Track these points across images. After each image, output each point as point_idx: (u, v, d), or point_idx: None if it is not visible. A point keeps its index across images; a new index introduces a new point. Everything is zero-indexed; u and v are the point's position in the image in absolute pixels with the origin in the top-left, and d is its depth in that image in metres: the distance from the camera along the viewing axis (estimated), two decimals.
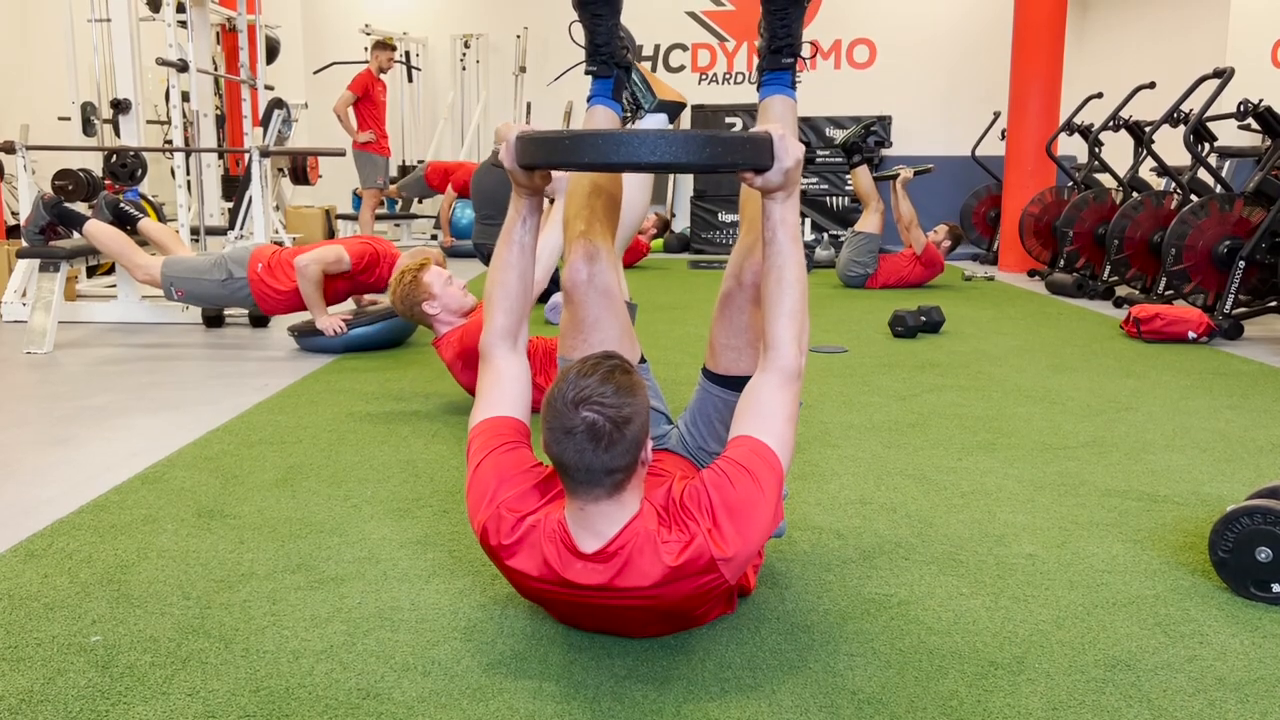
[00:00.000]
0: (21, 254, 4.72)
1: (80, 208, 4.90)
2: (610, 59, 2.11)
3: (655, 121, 2.39)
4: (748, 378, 1.82)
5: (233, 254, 4.41)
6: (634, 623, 1.60)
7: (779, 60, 2.06)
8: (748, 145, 1.54)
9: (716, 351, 1.94)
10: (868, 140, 6.72)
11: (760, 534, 1.50)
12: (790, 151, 1.57)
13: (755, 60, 2.15)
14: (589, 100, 2.15)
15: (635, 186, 2.43)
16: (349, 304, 4.73)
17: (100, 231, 4.51)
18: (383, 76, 7.92)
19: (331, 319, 4.19)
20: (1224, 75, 5.24)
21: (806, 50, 2.25)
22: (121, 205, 4.76)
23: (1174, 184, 5.91)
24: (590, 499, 1.45)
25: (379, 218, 8.92)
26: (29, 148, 5.20)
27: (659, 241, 9.51)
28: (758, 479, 1.50)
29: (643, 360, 2.01)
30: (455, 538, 2.10)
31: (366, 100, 7.71)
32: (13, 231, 6.54)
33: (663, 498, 1.54)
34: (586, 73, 2.13)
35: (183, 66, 5.82)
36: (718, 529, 1.47)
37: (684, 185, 9.96)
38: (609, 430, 1.40)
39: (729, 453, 1.56)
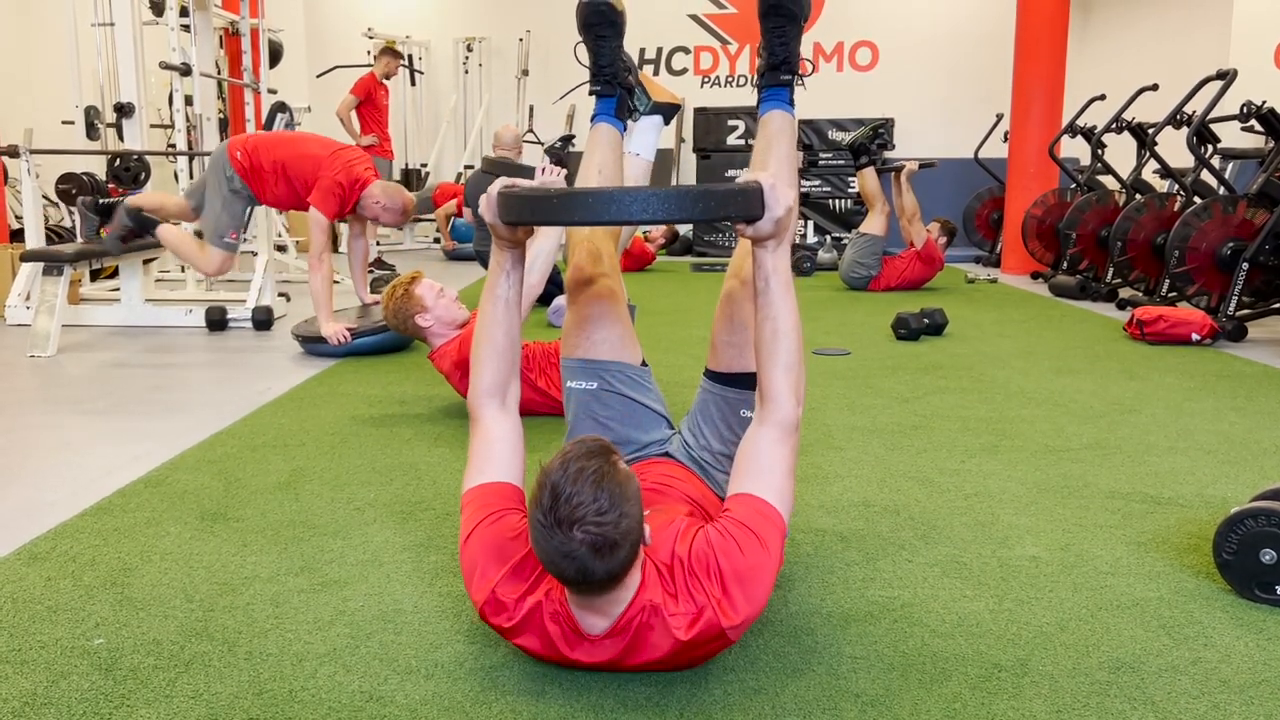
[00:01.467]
0: (25, 257, 4.73)
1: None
2: (613, 79, 2.18)
3: (651, 123, 2.40)
4: (748, 374, 1.82)
5: (211, 165, 4.45)
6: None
7: (777, 76, 2.10)
8: (739, 198, 1.50)
9: (718, 350, 1.94)
10: (874, 142, 6.71)
11: (766, 595, 1.46)
12: (781, 200, 1.53)
13: (756, 78, 2.18)
14: (593, 119, 2.22)
15: (638, 182, 2.44)
16: (354, 303, 4.74)
17: (171, 235, 4.71)
18: (386, 81, 7.93)
19: (336, 327, 4.18)
20: (1227, 77, 5.23)
21: (805, 69, 2.27)
22: (144, 213, 4.79)
23: (1177, 186, 5.91)
24: (593, 594, 1.41)
25: None
26: (33, 152, 5.21)
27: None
28: (765, 542, 1.46)
29: (644, 364, 2.02)
30: (457, 541, 2.09)
31: (369, 104, 7.72)
32: (16, 235, 6.55)
33: (667, 553, 1.48)
34: (591, 93, 2.20)
35: (186, 70, 5.83)
36: (727, 598, 1.43)
37: None
38: (609, 545, 1.33)
39: (732, 512, 1.52)
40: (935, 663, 1.59)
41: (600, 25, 2.11)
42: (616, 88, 2.20)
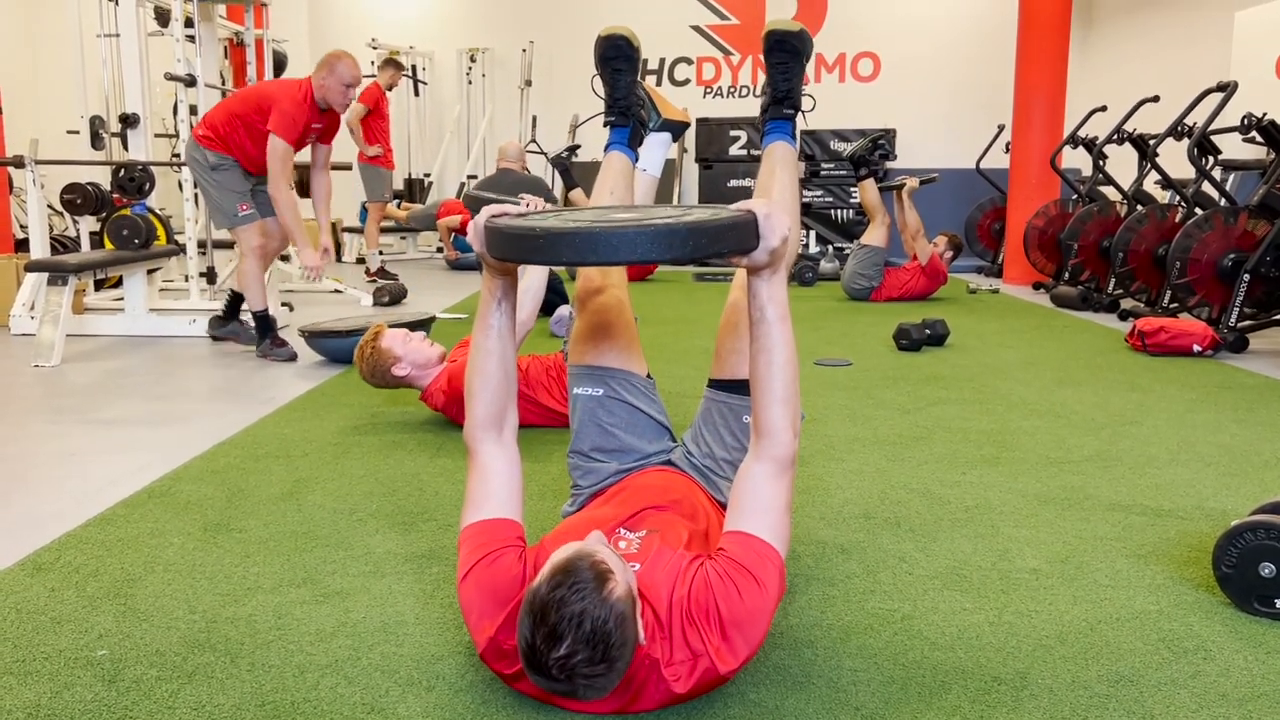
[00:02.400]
0: (30, 267, 4.76)
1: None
2: (627, 110, 2.25)
3: (659, 140, 2.44)
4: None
5: (192, 168, 4.43)
6: None
7: (781, 110, 2.16)
8: (732, 231, 1.45)
9: (721, 358, 1.96)
10: (874, 154, 6.73)
11: (764, 633, 1.46)
12: (776, 230, 1.48)
13: (760, 111, 2.27)
14: (606, 148, 2.29)
15: (644, 197, 2.47)
16: (357, 313, 4.75)
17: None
18: (388, 92, 7.98)
19: (314, 257, 4.19)
20: (1227, 89, 5.25)
21: (808, 104, 2.31)
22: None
23: (1178, 197, 5.92)
24: None
25: (384, 230, 8.96)
26: (38, 162, 5.24)
27: None
28: (763, 584, 1.45)
29: (649, 377, 2.03)
30: (459, 552, 2.10)
31: (374, 114, 7.76)
32: (21, 245, 6.58)
33: (665, 595, 1.46)
34: (605, 124, 2.28)
35: (190, 81, 5.86)
36: (726, 644, 1.42)
37: (690, 198, 9.98)
38: (599, 690, 1.33)
39: (730, 551, 1.50)
40: (935, 675, 1.60)
41: (617, 59, 2.21)
42: (630, 119, 2.28)
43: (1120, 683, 1.57)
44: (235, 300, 4.64)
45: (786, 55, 2.12)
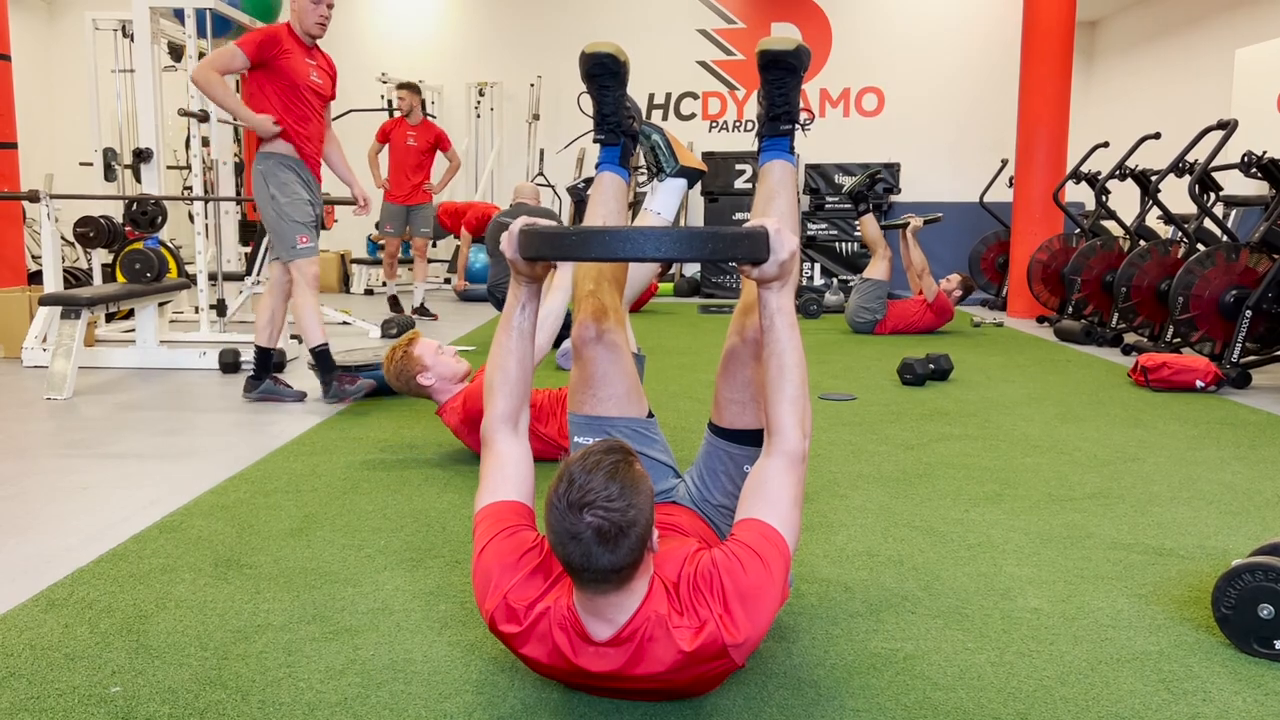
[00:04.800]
0: (44, 301, 4.81)
1: None
2: (617, 128, 2.23)
3: (674, 186, 2.48)
4: (751, 431, 1.87)
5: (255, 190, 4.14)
6: (643, 699, 1.63)
7: (777, 127, 2.16)
8: (745, 241, 1.60)
9: (721, 406, 1.98)
10: (874, 188, 6.80)
11: (769, 617, 1.51)
12: (785, 244, 1.62)
13: (756, 127, 2.23)
14: (597, 166, 2.27)
15: None
16: (362, 344, 4.78)
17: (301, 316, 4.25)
18: (409, 119, 7.69)
19: (269, 121, 3.96)
20: (1228, 127, 5.30)
21: (804, 118, 2.37)
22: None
23: (1180, 233, 5.96)
24: (599, 592, 1.46)
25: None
26: (53, 196, 5.31)
27: (669, 286, 9.61)
28: (768, 564, 1.52)
29: (650, 415, 2.05)
30: (467, 590, 2.13)
31: (390, 146, 7.69)
32: (34, 277, 6.65)
33: (674, 572, 1.55)
34: (595, 140, 2.26)
35: (203, 116, 5.95)
36: (729, 614, 1.47)
37: None
38: (615, 534, 1.40)
39: (738, 535, 1.58)
40: (936, 716, 1.61)
41: (603, 75, 2.18)
42: (620, 136, 2.26)
43: None
44: (263, 356, 4.28)
45: (783, 72, 2.13)
